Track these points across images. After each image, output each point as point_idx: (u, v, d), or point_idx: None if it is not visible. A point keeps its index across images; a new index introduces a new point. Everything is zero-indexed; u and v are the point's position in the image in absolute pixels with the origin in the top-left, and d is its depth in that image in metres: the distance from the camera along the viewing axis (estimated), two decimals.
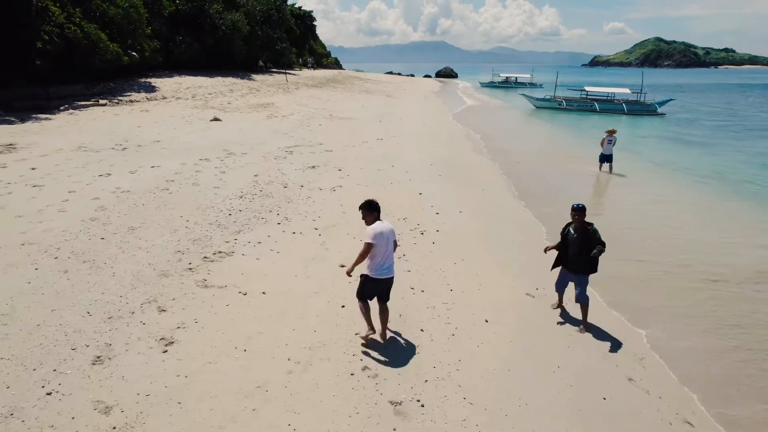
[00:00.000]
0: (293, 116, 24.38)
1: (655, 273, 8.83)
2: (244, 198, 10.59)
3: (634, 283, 8.38)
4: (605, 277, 8.32)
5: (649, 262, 9.26)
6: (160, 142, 16.03)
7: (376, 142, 19.05)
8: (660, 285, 8.38)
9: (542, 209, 12.02)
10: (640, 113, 39.38)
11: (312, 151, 16.23)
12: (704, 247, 10.25)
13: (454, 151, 18.81)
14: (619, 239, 10.26)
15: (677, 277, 8.72)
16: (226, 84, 33.57)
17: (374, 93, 45.64)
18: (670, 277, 8.71)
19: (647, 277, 8.64)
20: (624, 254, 9.43)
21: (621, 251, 9.60)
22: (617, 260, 9.10)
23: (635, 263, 9.17)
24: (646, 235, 10.88)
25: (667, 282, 8.50)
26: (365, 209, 5.57)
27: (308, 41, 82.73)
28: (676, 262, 9.32)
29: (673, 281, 8.53)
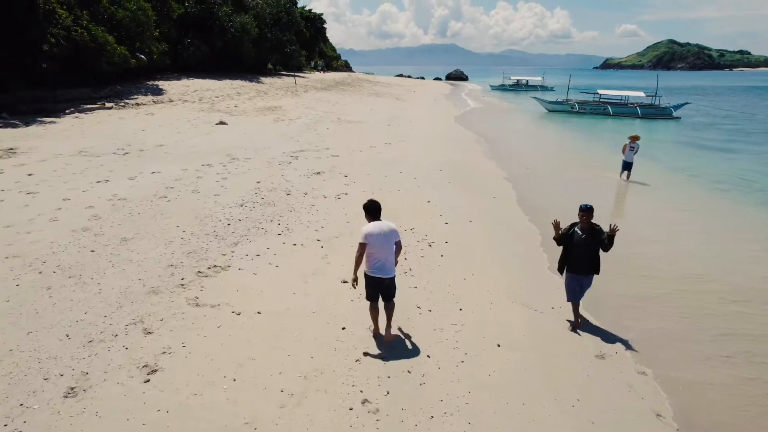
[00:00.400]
0: (300, 120, 24.02)
1: (669, 290, 8.19)
2: (245, 206, 10.17)
3: (647, 302, 7.78)
4: (616, 294, 7.79)
5: (663, 279, 8.62)
6: (163, 146, 15.71)
7: (384, 147, 18.59)
8: (674, 303, 7.75)
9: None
10: (654, 117, 38.51)
11: (318, 156, 15.81)
12: (724, 260, 9.63)
13: (465, 156, 18.29)
14: (632, 250, 9.71)
15: (694, 294, 8.08)
16: (233, 87, 33.35)
17: (383, 96, 45.24)
18: (685, 295, 8.07)
19: (660, 294, 8.01)
20: (637, 268, 8.91)
21: (634, 264, 9.06)
22: (630, 276, 8.56)
23: (649, 279, 8.56)
24: (661, 246, 10.30)
25: (683, 300, 7.87)
26: (364, 210, 5.90)
27: (318, 44, 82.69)
28: (693, 277, 8.71)
29: (690, 300, 7.90)
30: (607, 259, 8.67)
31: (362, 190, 12.07)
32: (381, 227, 5.62)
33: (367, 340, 5.85)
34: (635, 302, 7.69)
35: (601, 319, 7.03)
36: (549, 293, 7.60)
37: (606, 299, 7.57)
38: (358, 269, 5.61)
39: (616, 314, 7.21)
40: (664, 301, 7.78)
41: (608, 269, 8.48)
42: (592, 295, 7.46)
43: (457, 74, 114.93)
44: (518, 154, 19.95)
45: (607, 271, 8.43)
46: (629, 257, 9.36)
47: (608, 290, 7.87)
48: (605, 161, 18.84)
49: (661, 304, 7.70)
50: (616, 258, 9.04)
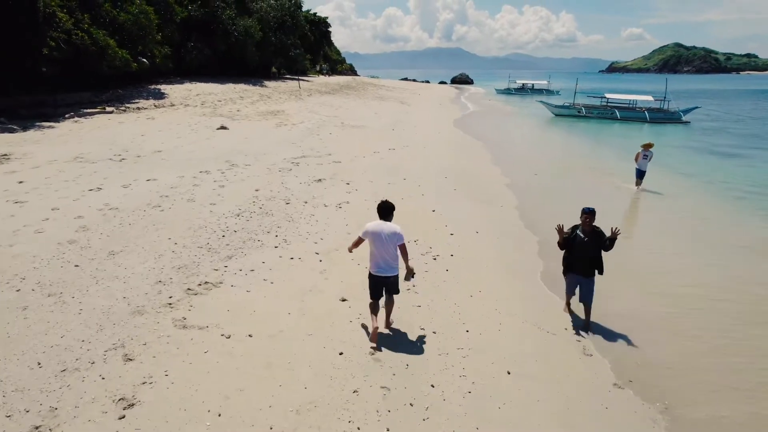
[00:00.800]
0: (303, 124, 23.64)
1: (685, 308, 7.60)
2: (242, 216, 9.74)
3: (663, 322, 7.24)
4: (629, 313, 7.28)
5: (677, 295, 8.05)
6: (161, 152, 15.35)
7: (388, 152, 18.16)
8: (690, 324, 7.19)
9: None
10: (663, 121, 37.91)
11: (319, 163, 15.39)
12: (742, 275, 9.07)
13: (470, 162, 17.82)
14: (645, 264, 9.22)
15: (711, 314, 7.50)
16: (236, 91, 33.07)
17: (388, 100, 44.86)
18: (703, 314, 7.50)
19: (675, 314, 7.44)
20: (651, 284, 8.38)
21: (648, 280, 8.54)
22: (644, 292, 8.04)
23: (664, 296, 7.99)
24: (676, 259, 9.77)
25: (700, 321, 7.32)
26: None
27: (323, 47, 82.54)
28: (711, 295, 8.14)
29: (708, 320, 7.33)
30: (619, 275, 8.26)
31: (364, 199, 11.64)
32: (381, 227, 5.71)
33: (367, 366, 5.40)
34: (650, 322, 7.15)
35: (615, 341, 6.54)
36: (561, 312, 7.11)
37: (619, 318, 7.07)
38: (352, 249, 6.21)
39: (630, 335, 6.68)
40: (680, 322, 7.23)
41: (621, 285, 8.06)
42: (604, 312, 7.00)
43: (463, 78, 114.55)
44: (525, 160, 19.45)
45: (619, 287, 8.01)
46: (642, 272, 8.87)
47: (621, 308, 7.39)
48: (614, 168, 18.36)
49: (677, 324, 7.15)
50: (628, 272, 8.60)
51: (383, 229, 5.69)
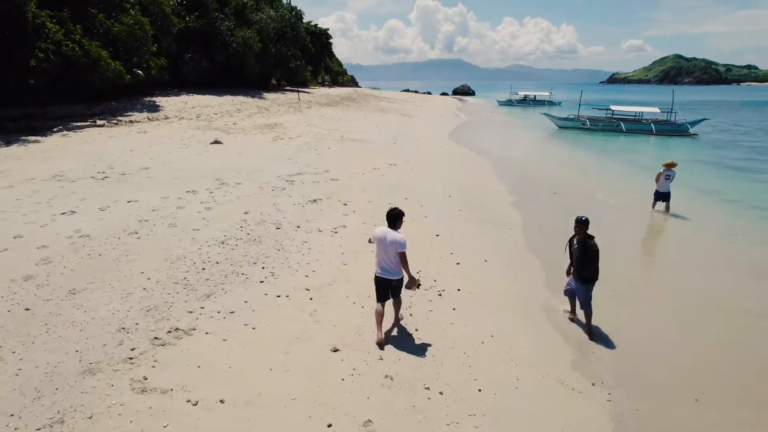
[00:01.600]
0: (301, 138, 22.83)
1: (728, 371, 6.67)
2: (226, 244, 8.83)
3: (707, 379, 6.28)
4: (670, 362, 6.26)
5: (718, 343, 7.14)
6: (148, 169, 14.51)
7: (389, 169, 17.29)
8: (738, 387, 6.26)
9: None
10: (670, 134, 37.06)
11: (316, 180, 14.51)
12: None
13: (475, 179, 16.93)
14: (674, 303, 8.23)
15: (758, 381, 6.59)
16: (234, 103, 32.37)
17: (389, 112, 44.18)
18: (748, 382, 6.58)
19: (715, 370, 6.51)
20: (686, 328, 7.38)
21: (673, 316, 7.54)
22: (684, 345, 7.01)
23: (700, 346, 7.07)
24: (710, 294, 8.77)
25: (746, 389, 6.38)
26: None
27: (324, 59, 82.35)
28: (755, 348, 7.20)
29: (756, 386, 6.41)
30: (650, 313, 7.29)
31: (362, 222, 10.74)
32: (385, 233, 5.99)
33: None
34: (693, 379, 6.20)
35: (654, 402, 5.57)
36: (588, 361, 6.16)
37: (660, 374, 6.11)
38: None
39: (672, 394, 5.73)
40: (725, 383, 6.26)
41: (654, 328, 7.04)
42: (635, 368, 6.03)
43: (464, 89, 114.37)
44: (532, 177, 18.54)
45: (653, 332, 6.97)
46: (671, 310, 7.88)
47: (661, 357, 6.41)
48: (630, 187, 17.45)
49: (723, 387, 6.18)
50: (662, 313, 7.59)
51: (386, 235, 5.96)
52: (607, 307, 7.44)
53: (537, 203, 14.19)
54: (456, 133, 31.67)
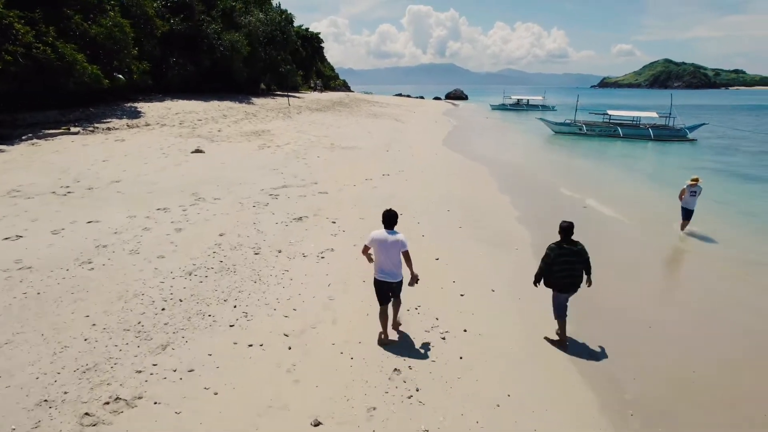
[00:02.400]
0: (289, 146, 21.62)
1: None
2: (194, 275, 7.62)
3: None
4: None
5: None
6: (119, 182, 13.24)
7: (381, 179, 16.14)
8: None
9: (604, 284, 8.88)
10: (668, 139, 36.32)
11: (302, 194, 13.32)
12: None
13: (474, 190, 15.81)
14: (700, 330, 7.13)
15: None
16: (220, 109, 31.08)
17: (382, 117, 43.08)
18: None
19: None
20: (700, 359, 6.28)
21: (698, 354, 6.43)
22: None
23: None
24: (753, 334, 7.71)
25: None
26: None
27: (315, 63, 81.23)
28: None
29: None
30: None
31: (353, 244, 9.56)
32: (386, 235, 5.89)
33: None
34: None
35: None
36: (617, 426, 5.02)
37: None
38: (365, 254, 6.21)
39: None
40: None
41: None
42: None
43: (457, 93, 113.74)
44: (535, 187, 17.47)
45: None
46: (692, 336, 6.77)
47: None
48: (641, 199, 16.45)
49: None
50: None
51: (387, 237, 5.89)
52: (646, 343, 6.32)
53: (544, 218, 13.04)
54: (451, 139, 30.60)
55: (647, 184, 19.42)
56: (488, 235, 11.05)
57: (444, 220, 11.97)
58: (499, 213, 13.20)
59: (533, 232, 11.43)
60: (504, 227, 11.84)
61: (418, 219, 11.79)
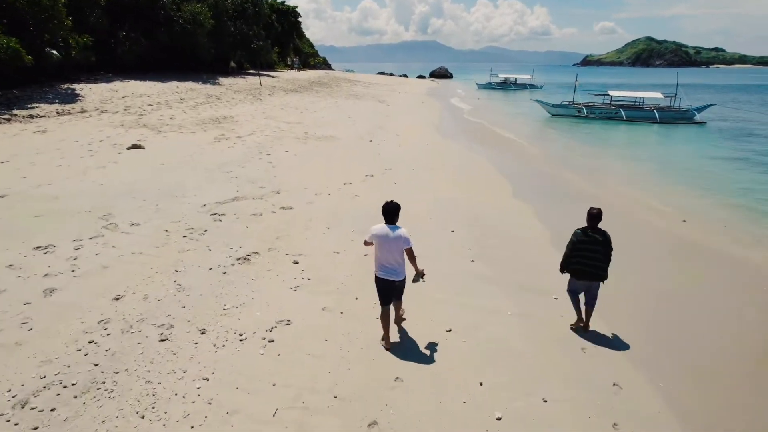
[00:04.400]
0: (253, 137, 18.05)
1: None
2: (31, 409, 4.28)
3: None
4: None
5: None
6: (4, 197, 9.69)
7: (364, 183, 12.83)
8: None
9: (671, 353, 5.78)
10: (674, 121, 33.53)
11: (258, 212, 9.93)
12: None
13: (484, 196, 12.55)
14: None
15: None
16: (178, 91, 27.08)
17: (364, 98, 39.37)
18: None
19: None
20: None
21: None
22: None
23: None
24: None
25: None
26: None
27: (293, 39, 76.26)
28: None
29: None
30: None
31: (321, 307, 6.34)
32: (386, 231, 5.44)
33: None
34: None
35: None
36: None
37: None
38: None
39: None
40: None
41: None
42: None
43: (442, 72, 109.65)
44: (558, 190, 14.23)
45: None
46: None
47: None
48: (693, 205, 13.43)
49: None
50: None
51: (389, 233, 5.40)
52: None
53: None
54: (442, 125, 27.18)
55: (680, 176, 16.43)
56: (514, 273, 7.88)
57: (448, 249, 8.76)
58: (523, 232, 10.00)
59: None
60: (535, 259, 8.65)
61: (416, 247, 8.54)
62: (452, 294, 7.04)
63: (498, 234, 9.76)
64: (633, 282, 7.80)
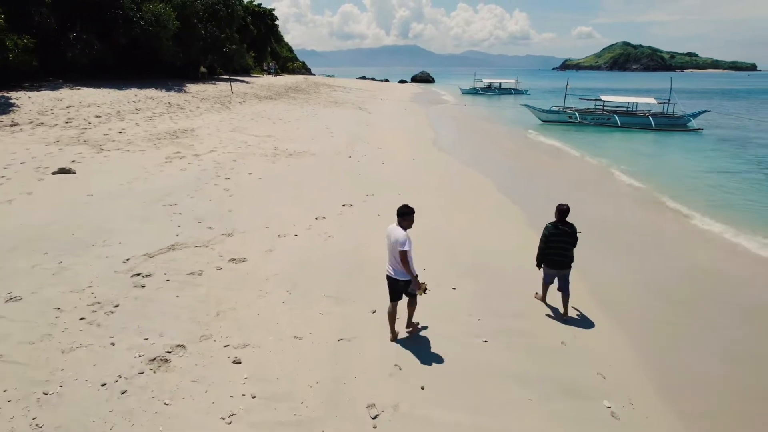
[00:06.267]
0: (213, 155, 15.53)
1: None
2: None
3: None
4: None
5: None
6: None
7: (341, 217, 10.48)
8: None
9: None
10: (670, 128, 31.99)
11: (198, 268, 7.47)
12: None
13: (490, 231, 10.26)
14: None
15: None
16: (136, 99, 24.28)
17: (344, 105, 36.99)
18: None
19: None
20: None
21: None
22: None
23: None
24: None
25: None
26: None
27: (270, 43, 73.53)
28: None
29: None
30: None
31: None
32: (390, 230, 5.49)
33: None
34: None
35: None
36: None
37: None
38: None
39: None
40: None
41: None
42: None
43: (424, 76, 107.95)
44: (584, 217, 12.01)
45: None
46: None
47: None
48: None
49: None
50: None
51: (390, 234, 5.47)
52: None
53: (656, 308, 7.64)
54: (430, 135, 24.92)
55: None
56: (549, 368, 5.60)
57: (449, 322, 6.46)
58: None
59: (643, 356, 6.04)
60: (569, 333, 6.40)
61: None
62: (463, 411, 4.73)
63: (517, 289, 7.49)
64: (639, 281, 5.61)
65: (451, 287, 7.49)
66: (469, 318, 6.62)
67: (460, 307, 6.89)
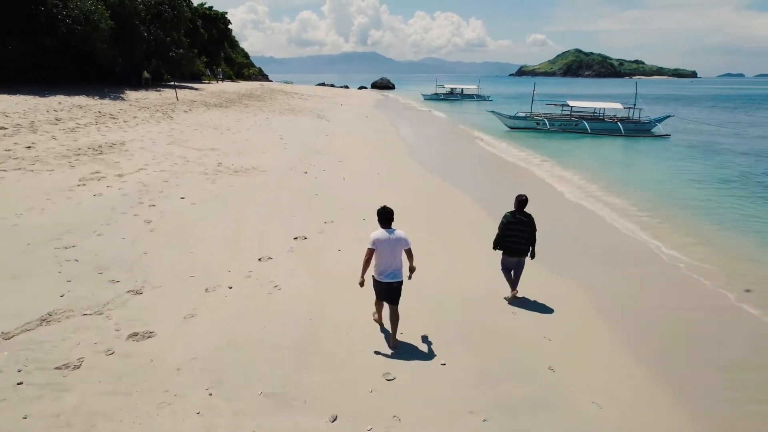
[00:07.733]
0: (141, 174, 12.99)
1: None
2: None
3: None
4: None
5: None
6: None
7: (291, 255, 8.29)
8: None
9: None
10: (638, 134, 31.43)
11: (74, 359, 5.11)
12: None
13: (472, 259, 8.38)
14: None
15: None
16: (59, 108, 21.18)
17: (301, 113, 34.63)
18: None
19: None
20: None
21: None
22: None
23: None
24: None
25: None
26: (377, 215, 5.58)
27: (223, 48, 70.14)
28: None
29: None
30: None
31: None
32: (387, 235, 5.40)
33: None
34: None
35: None
36: None
37: None
38: (365, 272, 5.50)
39: None
40: None
41: None
42: None
43: (384, 82, 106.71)
44: (591, 249, 10.25)
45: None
46: None
47: None
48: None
49: None
50: None
51: (390, 236, 5.39)
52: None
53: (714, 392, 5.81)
54: (396, 144, 23.00)
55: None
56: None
57: (449, 426, 4.42)
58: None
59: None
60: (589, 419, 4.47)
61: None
62: None
63: (522, 354, 5.51)
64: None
65: (439, 362, 5.47)
66: (470, 417, 4.60)
67: (456, 397, 4.86)
